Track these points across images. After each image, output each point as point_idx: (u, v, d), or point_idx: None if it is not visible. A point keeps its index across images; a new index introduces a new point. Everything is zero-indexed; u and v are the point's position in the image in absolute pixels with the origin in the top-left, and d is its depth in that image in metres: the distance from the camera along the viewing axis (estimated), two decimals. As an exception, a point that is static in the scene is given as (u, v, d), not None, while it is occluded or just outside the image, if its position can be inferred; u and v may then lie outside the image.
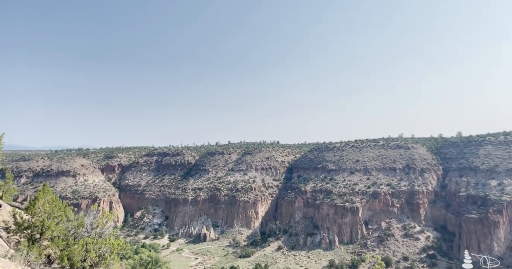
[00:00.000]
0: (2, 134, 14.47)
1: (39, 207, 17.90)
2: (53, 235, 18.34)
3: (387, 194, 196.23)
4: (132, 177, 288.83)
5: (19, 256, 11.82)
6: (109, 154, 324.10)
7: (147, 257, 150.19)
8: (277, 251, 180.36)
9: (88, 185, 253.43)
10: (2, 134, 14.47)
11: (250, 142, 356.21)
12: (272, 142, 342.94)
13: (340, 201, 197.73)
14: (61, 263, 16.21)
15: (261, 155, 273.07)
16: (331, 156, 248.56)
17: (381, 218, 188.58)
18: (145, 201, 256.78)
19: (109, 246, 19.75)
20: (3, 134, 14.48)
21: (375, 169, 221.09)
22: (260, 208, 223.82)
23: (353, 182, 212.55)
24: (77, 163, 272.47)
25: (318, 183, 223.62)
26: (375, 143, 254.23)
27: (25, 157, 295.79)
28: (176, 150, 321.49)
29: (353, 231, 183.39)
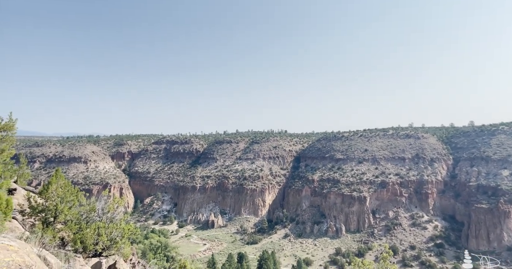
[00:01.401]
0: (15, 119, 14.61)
1: (53, 191, 18.27)
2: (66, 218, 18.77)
3: (396, 184, 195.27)
4: (141, 164, 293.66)
5: (34, 238, 12.10)
6: (119, 141, 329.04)
7: (157, 242, 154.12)
8: (284, 239, 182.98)
9: (99, 171, 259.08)
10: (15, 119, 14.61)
11: (258, 131, 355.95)
12: (280, 131, 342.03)
13: (348, 190, 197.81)
14: (74, 246, 16.64)
15: (268, 144, 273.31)
16: (339, 145, 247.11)
17: (389, 207, 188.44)
18: (154, 188, 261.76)
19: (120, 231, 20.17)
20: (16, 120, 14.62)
21: (384, 158, 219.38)
22: (268, 197, 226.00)
23: (361, 172, 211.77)
24: (88, 149, 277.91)
25: (326, 172, 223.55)
26: (384, 132, 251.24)
27: (38, 143, 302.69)
28: (185, 138, 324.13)
29: (360, 220, 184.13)
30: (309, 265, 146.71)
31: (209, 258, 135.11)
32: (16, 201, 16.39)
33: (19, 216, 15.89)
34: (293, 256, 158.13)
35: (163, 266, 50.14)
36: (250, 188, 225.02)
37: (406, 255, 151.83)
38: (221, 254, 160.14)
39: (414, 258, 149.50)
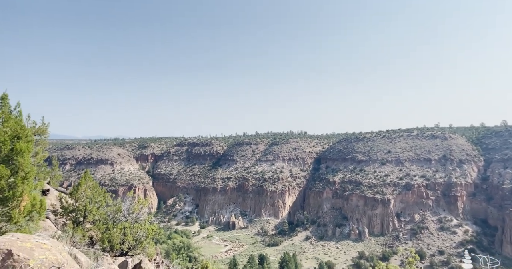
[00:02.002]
0: (47, 124, 15.51)
1: (82, 192, 19.14)
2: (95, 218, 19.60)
3: (421, 186, 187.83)
4: (164, 166, 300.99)
5: (65, 237, 12.73)
6: (143, 143, 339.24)
7: (180, 243, 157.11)
8: (305, 241, 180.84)
9: (124, 173, 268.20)
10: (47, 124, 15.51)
11: (277, 133, 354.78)
12: (299, 133, 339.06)
13: (371, 192, 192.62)
14: (102, 245, 17.33)
15: (288, 146, 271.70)
16: (361, 146, 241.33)
17: (415, 210, 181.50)
18: (176, 189, 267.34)
19: (145, 231, 20.78)
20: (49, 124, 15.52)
21: (408, 160, 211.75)
22: (288, 198, 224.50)
23: (384, 173, 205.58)
24: (114, 152, 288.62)
25: (347, 174, 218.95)
26: (409, 133, 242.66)
27: (69, 145, 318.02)
28: (205, 140, 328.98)
29: (384, 223, 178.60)
30: (332, 268, 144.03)
31: (231, 259, 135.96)
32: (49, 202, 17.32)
33: (52, 216, 16.78)
34: (314, 259, 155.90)
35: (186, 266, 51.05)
36: (270, 189, 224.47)
37: (434, 260, 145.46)
38: (242, 255, 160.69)
39: (443, 263, 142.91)
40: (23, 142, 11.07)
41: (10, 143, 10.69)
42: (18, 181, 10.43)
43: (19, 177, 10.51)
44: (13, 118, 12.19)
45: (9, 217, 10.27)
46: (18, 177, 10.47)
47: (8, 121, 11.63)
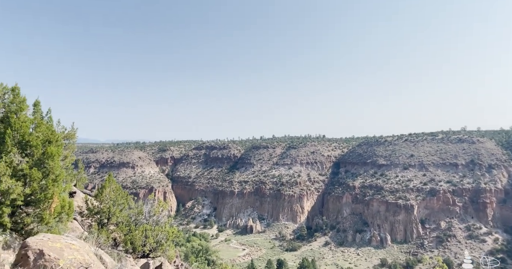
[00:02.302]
0: (76, 128, 16.23)
1: (106, 194, 19.78)
2: (118, 220, 20.16)
3: (447, 192, 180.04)
4: (183, 169, 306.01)
5: (91, 238, 13.18)
6: (163, 147, 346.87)
7: (198, 246, 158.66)
8: (324, 247, 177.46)
9: (145, 176, 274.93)
10: (76, 128, 16.23)
11: (295, 136, 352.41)
12: (317, 136, 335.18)
13: (392, 197, 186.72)
14: (125, 247, 17.80)
15: (306, 149, 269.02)
16: (382, 150, 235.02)
17: (440, 217, 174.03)
18: (195, 192, 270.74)
19: (165, 233, 21.14)
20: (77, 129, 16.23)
21: (433, 164, 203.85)
22: (306, 203, 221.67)
23: (406, 178, 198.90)
24: (135, 155, 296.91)
25: (368, 178, 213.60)
26: (433, 136, 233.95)
27: (93, 149, 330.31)
28: (223, 143, 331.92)
29: (408, 229, 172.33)
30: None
31: (249, 264, 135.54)
32: (76, 203, 18.02)
33: (78, 217, 17.44)
34: (334, 265, 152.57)
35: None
36: (288, 194, 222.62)
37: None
38: (260, 260, 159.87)
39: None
40: (54, 146, 11.61)
41: (42, 147, 11.25)
42: (49, 183, 10.93)
43: (50, 180, 11.01)
44: (44, 123, 12.83)
45: (41, 218, 10.76)
46: (49, 180, 10.97)
47: (40, 127, 12.25)
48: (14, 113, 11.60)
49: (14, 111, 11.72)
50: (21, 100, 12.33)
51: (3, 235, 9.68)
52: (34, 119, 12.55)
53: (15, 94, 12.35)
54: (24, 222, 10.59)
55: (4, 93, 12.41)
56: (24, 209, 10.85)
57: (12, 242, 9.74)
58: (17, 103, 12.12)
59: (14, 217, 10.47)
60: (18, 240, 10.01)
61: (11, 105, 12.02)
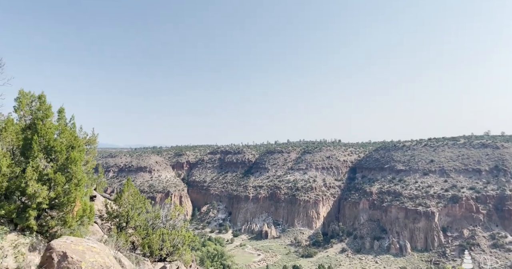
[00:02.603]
0: (97, 134, 16.79)
1: (125, 199, 20.25)
2: (136, 224, 20.56)
3: (470, 199, 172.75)
4: (198, 173, 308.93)
5: (111, 241, 13.50)
6: (179, 152, 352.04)
7: (213, 250, 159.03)
8: (341, 253, 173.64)
9: (162, 180, 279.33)
10: (97, 134, 16.79)
11: (310, 141, 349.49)
12: (333, 141, 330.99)
13: (412, 204, 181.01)
14: (143, 250, 18.11)
15: (321, 154, 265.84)
16: (400, 155, 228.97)
17: (463, 225, 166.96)
18: (210, 196, 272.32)
19: (181, 238, 21.37)
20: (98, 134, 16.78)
21: (454, 170, 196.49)
22: (322, 208, 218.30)
23: (426, 184, 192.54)
24: (152, 160, 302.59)
25: (385, 184, 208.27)
26: (454, 141, 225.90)
27: (112, 154, 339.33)
28: (237, 148, 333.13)
29: (428, 237, 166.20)
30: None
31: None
32: (96, 207, 18.53)
33: (98, 221, 17.92)
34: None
35: (220, 274, 51.41)
36: (303, 199, 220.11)
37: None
38: (275, 265, 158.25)
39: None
40: (77, 151, 12.05)
41: (65, 153, 11.70)
42: (72, 187, 11.34)
43: (73, 184, 11.42)
44: (68, 129, 13.35)
45: (64, 221, 11.16)
46: (72, 184, 11.38)
47: (64, 133, 12.76)
48: (40, 120, 12.14)
49: (40, 118, 12.27)
50: (47, 107, 12.90)
51: (30, 237, 10.09)
52: (58, 125, 13.09)
53: (41, 102, 12.94)
54: (48, 225, 11.00)
55: (31, 101, 13.03)
56: (49, 212, 11.28)
57: (37, 244, 10.13)
58: (43, 110, 12.69)
59: (40, 220, 10.90)
60: (43, 242, 10.40)
61: (38, 112, 12.59)
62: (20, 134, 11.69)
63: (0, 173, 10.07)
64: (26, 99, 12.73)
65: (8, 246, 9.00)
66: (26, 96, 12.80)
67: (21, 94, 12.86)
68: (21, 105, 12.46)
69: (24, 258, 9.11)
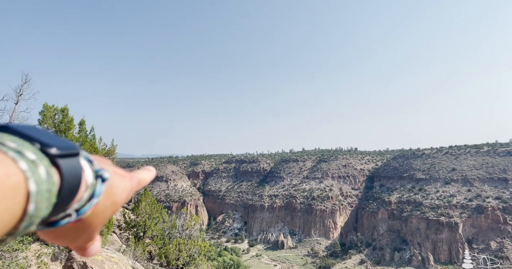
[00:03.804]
0: (116, 145, 17.25)
1: (142, 208, 20.52)
2: (153, 234, 20.72)
3: (497, 209, 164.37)
4: (213, 182, 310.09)
5: (129, 251, 13.65)
6: (194, 161, 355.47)
7: (229, 260, 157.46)
8: (360, 265, 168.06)
9: (178, 189, 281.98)
10: (116, 145, 17.25)
11: (325, 149, 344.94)
12: (349, 149, 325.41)
13: (433, 214, 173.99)
14: (160, 260, 18.19)
15: (337, 163, 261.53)
16: (420, 164, 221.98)
17: (490, 237, 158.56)
18: (225, 206, 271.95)
19: (198, 248, 21.32)
20: (117, 145, 17.23)
21: (478, 179, 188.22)
22: (339, 218, 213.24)
23: (449, 194, 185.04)
24: (168, 169, 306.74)
25: (405, 193, 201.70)
26: (477, 149, 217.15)
27: (130, 164, 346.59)
28: (252, 157, 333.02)
29: (452, 249, 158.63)
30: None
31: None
32: (115, 217, 18.87)
33: (117, 230, 18.20)
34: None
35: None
36: (319, 208, 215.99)
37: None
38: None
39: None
40: (97, 163, 12.38)
41: (86, 164, 12.03)
42: (92, 198, 11.60)
43: (93, 195, 11.69)
44: (88, 141, 13.80)
45: (84, 231, 11.39)
46: (92, 194, 11.66)
47: (84, 144, 13.19)
48: (63, 132, 12.62)
49: (63, 131, 12.76)
50: (69, 120, 13.42)
51: (52, 247, 10.35)
52: (79, 137, 13.56)
53: (64, 115, 13.48)
54: (69, 234, 11.24)
55: (54, 114, 13.60)
56: (70, 222, 11.55)
57: (59, 254, 10.38)
58: (66, 123, 13.20)
59: (61, 230, 11.16)
60: (64, 252, 10.64)
61: (61, 124, 13.11)
62: (44, 146, 12.14)
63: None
64: (50, 112, 13.29)
65: (31, 255, 9.27)
66: (49, 110, 13.37)
67: (45, 107, 13.45)
68: (45, 118, 13.01)
69: (47, 267, 9.33)
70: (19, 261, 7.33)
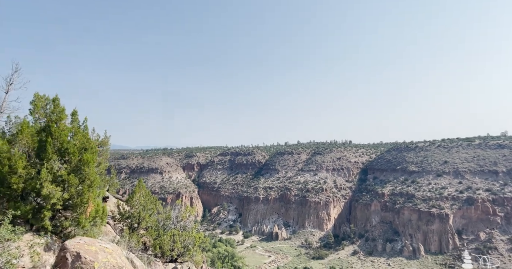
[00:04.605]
0: (109, 136, 17.06)
1: (136, 200, 20.46)
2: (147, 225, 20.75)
3: (486, 201, 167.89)
4: (208, 175, 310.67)
5: (123, 242, 13.66)
6: (189, 153, 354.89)
7: (224, 251, 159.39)
8: (353, 256, 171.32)
9: (172, 181, 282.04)
10: (109, 136, 17.06)
11: (320, 142, 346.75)
12: (343, 142, 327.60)
13: (425, 206, 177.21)
14: (154, 251, 18.25)
15: (332, 155, 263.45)
16: (413, 156, 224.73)
17: (479, 227, 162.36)
18: (220, 197, 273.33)
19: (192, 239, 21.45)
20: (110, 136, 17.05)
21: (470, 171, 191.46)
22: (332, 210, 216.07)
23: (440, 186, 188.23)
24: (163, 161, 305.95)
25: (398, 185, 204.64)
26: (469, 142, 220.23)
27: (124, 155, 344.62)
28: (247, 149, 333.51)
29: (443, 240, 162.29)
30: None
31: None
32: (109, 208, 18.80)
33: (111, 221, 18.17)
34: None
35: (230, 276, 51.47)
36: (314, 200, 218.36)
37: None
38: (286, 267, 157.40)
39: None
40: (89, 153, 12.26)
41: (78, 155, 11.91)
42: (85, 189, 11.53)
43: (86, 185, 11.61)
44: (81, 132, 13.60)
45: (77, 222, 11.35)
46: (85, 185, 11.58)
47: (77, 135, 13.01)
48: (54, 123, 12.41)
49: (54, 121, 12.54)
50: (60, 110, 13.18)
51: (45, 237, 10.30)
52: (72, 127, 13.35)
53: (55, 105, 13.23)
54: (62, 225, 11.20)
55: (46, 104, 13.34)
56: (63, 213, 11.49)
57: (52, 244, 10.34)
58: (57, 113, 12.96)
59: (54, 221, 11.11)
60: (58, 242, 10.60)
61: (52, 115, 12.88)
62: (35, 137, 11.96)
63: (17, 175, 10.33)
64: (41, 102, 13.04)
65: (24, 246, 9.21)
66: (41, 99, 13.11)
67: (36, 97, 13.18)
68: (36, 108, 12.77)
69: (39, 257, 9.30)
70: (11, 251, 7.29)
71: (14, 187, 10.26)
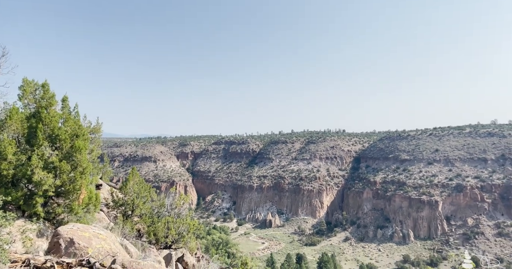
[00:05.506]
0: (101, 123, 16.80)
1: (130, 187, 20.41)
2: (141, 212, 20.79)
3: (475, 188, 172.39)
4: (203, 163, 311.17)
5: (117, 228, 13.69)
6: (183, 142, 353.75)
7: (218, 239, 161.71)
8: (344, 242, 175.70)
9: (166, 170, 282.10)
10: (101, 123, 16.80)
11: (314, 131, 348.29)
12: (337, 131, 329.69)
13: (416, 193, 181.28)
14: (149, 238, 18.37)
15: (325, 144, 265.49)
16: (405, 145, 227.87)
17: (467, 214, 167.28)
18: (214, 186, 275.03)
19: (186, 226, 21.61)
20: (102, 123, 16.79)
21: (459, 159, 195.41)
22: (325, 198, 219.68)
23: (431, 174, 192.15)
24: (157, 150, 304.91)
25: (389, 173, 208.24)
26: (460, 130, 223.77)
27: (117, 144, 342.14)
28: (242, 138, 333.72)
29: (432, 226, 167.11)
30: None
31: (268, 257, 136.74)
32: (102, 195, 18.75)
33: (104, 209, 18.15)
34: (354, 261, 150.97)
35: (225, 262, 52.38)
36: (307, 188, 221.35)
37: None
38: (279, 253, 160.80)
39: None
40: (81, 140, 12.07)
41: (70, 141, 11.73)
42: (77, 176, 11.41)
43: (78, 172, 11.49)
44: (72, 118, 13.35)
45: (70, 209, 11.29)
46: (77, 172, 11.45)
47: (68, 121, 12.76)
48: (44, 108, 12.13)
49: (44, 106, 12.26)
50: (50, 95, 12.87)
51: (37, 223, 10.24)
52: (62, 114, 13.09)
53: (45, 90, 12.90)
54: (55, 212, 11.14)
55: (35, 89, 13.00)
56: (55, 199, 11.40)
57: (45, 230, 10.30)
58: (47, 98, 12.66)
59: (46, 207, 11.03)
60: (51, 229, 10.56)
61: (42, 100, 12.58)
62: (25, 123, 11.71)
63: (6, 161, 10.15)
64: (30, 87, 12.70)
65: (16, 231, 9.15)
66: (30, 85, 12.76)
67: (25, 82, 12.82)
68: (25, 94, 12.45)
69: (32, 243, 9.27)
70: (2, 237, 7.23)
71: (4, 173, 10.10)
